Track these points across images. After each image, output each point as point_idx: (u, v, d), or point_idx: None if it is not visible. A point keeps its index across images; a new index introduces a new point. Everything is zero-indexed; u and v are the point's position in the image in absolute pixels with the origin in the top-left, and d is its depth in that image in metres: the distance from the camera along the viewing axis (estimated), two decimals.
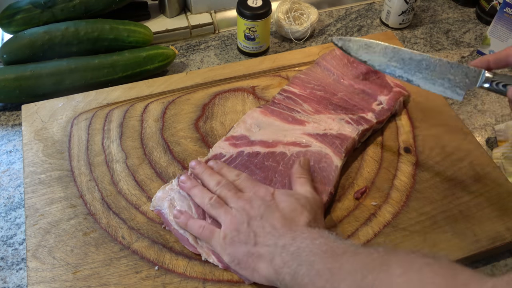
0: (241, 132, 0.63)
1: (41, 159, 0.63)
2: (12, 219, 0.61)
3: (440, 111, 0.70)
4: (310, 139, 0.62)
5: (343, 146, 0.60)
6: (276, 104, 0.66)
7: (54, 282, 0.52)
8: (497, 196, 0.60)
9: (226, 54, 0.86)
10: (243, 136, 0.62)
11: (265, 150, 0.61)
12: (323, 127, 0.63)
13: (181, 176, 0.58)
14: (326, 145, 0.61)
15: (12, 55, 0.75)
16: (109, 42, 0.77)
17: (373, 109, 0.66)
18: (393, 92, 0.68)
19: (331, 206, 0.59)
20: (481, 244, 0.56)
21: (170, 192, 0.57)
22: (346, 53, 0.56)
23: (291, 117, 0.64)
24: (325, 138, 0.62)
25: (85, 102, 0.70)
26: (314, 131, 0.62)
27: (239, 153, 0.60)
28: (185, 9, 0.90)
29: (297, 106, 0.66)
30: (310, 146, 0.60)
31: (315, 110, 0.65)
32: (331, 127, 0.63)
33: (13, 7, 0.78)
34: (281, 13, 0.86)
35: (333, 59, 0.72)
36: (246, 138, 0.62)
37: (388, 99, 0.67)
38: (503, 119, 0.75)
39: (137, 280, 0.52)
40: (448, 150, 0.65)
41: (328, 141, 0.61)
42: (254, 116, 0.64)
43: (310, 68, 0.72)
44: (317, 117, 0.65)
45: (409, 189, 0.61)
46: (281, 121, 0.64)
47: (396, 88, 0.69)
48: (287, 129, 0.63)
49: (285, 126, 0.63)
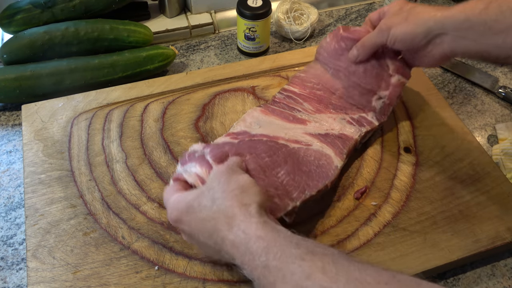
0: (241, 128, 0.61)
1: (41, 159, 0.63)
2: (12, 219, 0.61)
3: (440, 111, 0.70)
4: (312, 138, 0.60)
5: (345, 147, 0.60)
6: (276, 103, 0.66)
7: (54, 282, 0.52)
8: (497, 196, 0.60)
9: (226, 54, 0.86)
10: (243, 131, 0.60)
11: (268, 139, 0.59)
12: (325, 127, 0.62)
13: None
14: (328, 145, 0.60)
15: (12, 55, 0.75)
16: (109, 42, 0.77)
17: (373, 107, 0.64)
18: (392, 86, 0.63)
19: (331, 206, 0.59)
20: (481, 244, 0.56)
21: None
22: None
23: (292, 116, 0.63)
24: (327, 138, 0.61)
25: (85, 102, 0.70)
26: (316, 131, 0.62)
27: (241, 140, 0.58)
28: (185, 9, 0.90)
29: (298, 105, 0.65)
30: (311, 145, 0.60)
31: (316, 109, 0.65)
32: (333, 127, 0.62)
33: (13, 7, 0.78)
34: (281, 13, 0.86)
35: (325, 51, 0.67)
36: (246, 133, 0.60)
37: (389, 94, 0.63)
38: (503, 119, 0.75)
39: (137, 280, 0.52)
40: (448, 150, 0.65)
41: (330, 141, 0.60)
42: (254, 115, 0.64)
43: (310, 65, 0.70)
44: (318, 117, 0.64)
45: (409, 189, 0.61)
46: (282, 120, 0.63)
47: (395, 77, 0.63)
48: (288, 128, 0.62)
49: (286, 125, 0.62)
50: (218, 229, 0.44)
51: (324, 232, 0.57)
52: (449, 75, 0.82)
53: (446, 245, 0.55)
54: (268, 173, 0.53)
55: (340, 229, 0.57)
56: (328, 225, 0.57)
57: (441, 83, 0.81)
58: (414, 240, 0.56)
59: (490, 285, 0.56)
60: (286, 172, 0.55)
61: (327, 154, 0.59)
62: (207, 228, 0.45)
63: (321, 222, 0.57)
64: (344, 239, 0.56)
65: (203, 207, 0.45)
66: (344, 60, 0.65)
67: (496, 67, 0.84)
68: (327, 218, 0.58)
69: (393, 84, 0.63)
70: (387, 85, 0.63)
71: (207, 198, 0.45)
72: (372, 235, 0.56)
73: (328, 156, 0.59)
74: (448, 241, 0.56)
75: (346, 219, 0.58)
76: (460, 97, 0.79)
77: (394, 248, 0.55)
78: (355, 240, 0.56)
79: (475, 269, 0.57)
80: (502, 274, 0.57)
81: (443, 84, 0.81)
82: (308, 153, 0.59)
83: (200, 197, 0.46)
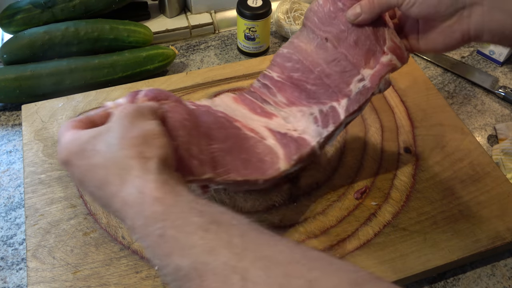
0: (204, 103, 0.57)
1: (41, 159, 0.63)
2: (12, 219, 0.61)
3: (440, 111, 0.70)
4: (269, 134, 0.56)
5: (296, 153, 0.54)
6: (251, 93, 0.62)
7: (54, 282, 0.52)
8: (497, 196, 0.60)
9: (226, 54, 0.86)
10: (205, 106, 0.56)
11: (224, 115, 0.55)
12: (288, 126, 0.58)
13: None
14: (281, 146, 0.55)
15: (12, 55, 0.75)
16: (109, 42, 0.77)
17: (350, 91, 0.55)
18: (381, 64, 0.53)
19: (331, 206, 0.59)
20: (481, 244, 0.56)
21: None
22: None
23: (260, 109, 0.60)
24: (283, 138, 0.56)
25: (85, 102, 0.70)
26: (277, 128, 0.57)
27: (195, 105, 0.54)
28: (185, 9, 0.90)
29: (271, 97, 0.60)
30: (265, 140, 0.55)
31: (288, 102, 0.59)
32: (296, 128, 0.57)
33: (13, 7, 0.78)
34: (281, 13, 0.86)
35: (315, 15, 0.57)
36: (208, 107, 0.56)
37: (372, 74, 0.53)
38: (503, 119, 0.75)
39: (137, 280, 0.52)
40: (448, 150, 0.65)
41: (284, 142, 0.55)
42: (224, 100, 0.60)
43: (296, 34, 0.61)
44: (287, 111, 0.59)
45: (409, 189, 0.61)
46: (249, 110, 0.59)
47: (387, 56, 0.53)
48: (251, 118, 0.58)
49: (251, 115, 0.58)
50: (109, 181, 0.37)
51: (324, 232, 0.57)
52: (449, 75, 0.82)
53: (446, 245, 0.55)
54: (196, 137, 0.47)
55: (340, 229, 0.57)
56: (328, 225, 0.57)
57: (441, 83, 0.81)
58: (414, 240, 0.56)
59: (490, 285, 0.56)
60: (220, 149, 0.50)
61: (275, 153, 0.54)
62: (98, 177, 0.38)
63: (321, 222, 0.57)
64: (344, 239, 0.56)
65: (97, 151, 0.38)
66: (336, 24, 0.55)
67: (496, 67, 0.84)
68: (327, 218, 0.58)
69: (382, 62, 0.53)
70: (375, 64, 0.54)
71: (103, 141, 0.38)
72: (372, 235, 0.56)
73: (275, 155, 0.54)
74: (448, 241, 0.56)
75: (346, 219, 0.58)
76: (460, 97, 0.79)
77: (394, 248, 0.55)
78: (355, 240, 0.56)
79: (475, 269, 0.57)
80: (502, 274, 0.57)
81: (443, 84, 0.81)
82: (257, 145, 0.54)
83: (96, 139, 0.38)
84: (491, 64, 0.84)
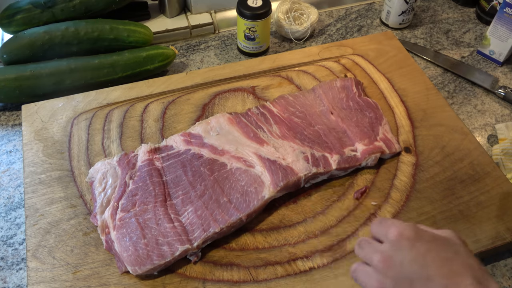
0: (198, 131, 0.63)
1: (41, 159, 0.63)
2: (12, 219, 0.61)
3: (440, 111, 0.70)
4: (258, 161, 0.60)
5: (283, 180, 0.58)
6: (248, 117, 0.66)
7: (54, 282, 0.52)
8: (497, 196, 0.60)
9: (226, 54, 0.86)
10: (199, 136, 0.63)
11: (209, 156, 0.60)
12: (278, 154, 0.61)
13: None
14: (268, 172, 0.58)
15: (12, 55, 0.75)
16: (109, 42, 0.77)
17: (342, 152, 0.62)
18: (373, 145, 0.63)
19: (331, 206, 0.59)
20: (481, 244, 0.56)
21: (107, 166, 0.59)
22: None
23: (253, 133, 0.63)
24: (272, 165, 0.59)
25: (85, 102, 0.70)
26: (266, 155, 0.61)
27: (186, 151, 0.61)
28: (185, 9, 0.90)
29: (266, 126, 0.64)
30: (253, 168, 0.59)
31: (281, 135, 0.64)
32: (285, 157, 0.61)
33: (13, 7, 0.78)
34: (281, 13, 0.86)
35: (330, 90, 0.69)
36: (200, 138, 0.62)
37: (365, 149, 0.62)
38: (503, 119, 0.75)
39: (137, 280, 0.52)
40: (448, 150, 0.65)
41: (273, 169, 0.59)
42: (220, 120, 0.64)
43: (303, 92, 0.70)
44: (279, 142, 0.63)
45: (409, 189, 0.61)
46: (242, 134, 0.63)
47: (379, 143, 0.63)
48: (242, 143, 0.62)
49: (243, 140, 0.62)
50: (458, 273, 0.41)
51: (324, 232, 0.57)
52: (449, 75, 0.82)
53: None
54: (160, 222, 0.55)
55: (340, 229, 0.57)
56: (328, 225, 0.57)
57: (441, 83, 0.81)
58: None
59: None
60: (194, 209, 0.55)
61: (261, 182, 0.58)
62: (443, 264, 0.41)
63: (321, 222, 0.57)
64: (344, 239, 0.56)
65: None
66: (345, 108, 0.67)
67: (496, 67, 0.84)
68: (327, 218, 0.58)
69: (374, 145, 0.63)
70: (369, 144, 0.63)
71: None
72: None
73: (261, 184, 0.58)
74: None
75: (346, 219, 0.58)
76: (460, 97, 0.79)
77: None
78: (355, 240, 0.56)
79: None
80: (502, 274, 0.57)
81: (443, 84, 0.81)
82: (241, 176, 0.58)
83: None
84: (491, 64, 0.84)
